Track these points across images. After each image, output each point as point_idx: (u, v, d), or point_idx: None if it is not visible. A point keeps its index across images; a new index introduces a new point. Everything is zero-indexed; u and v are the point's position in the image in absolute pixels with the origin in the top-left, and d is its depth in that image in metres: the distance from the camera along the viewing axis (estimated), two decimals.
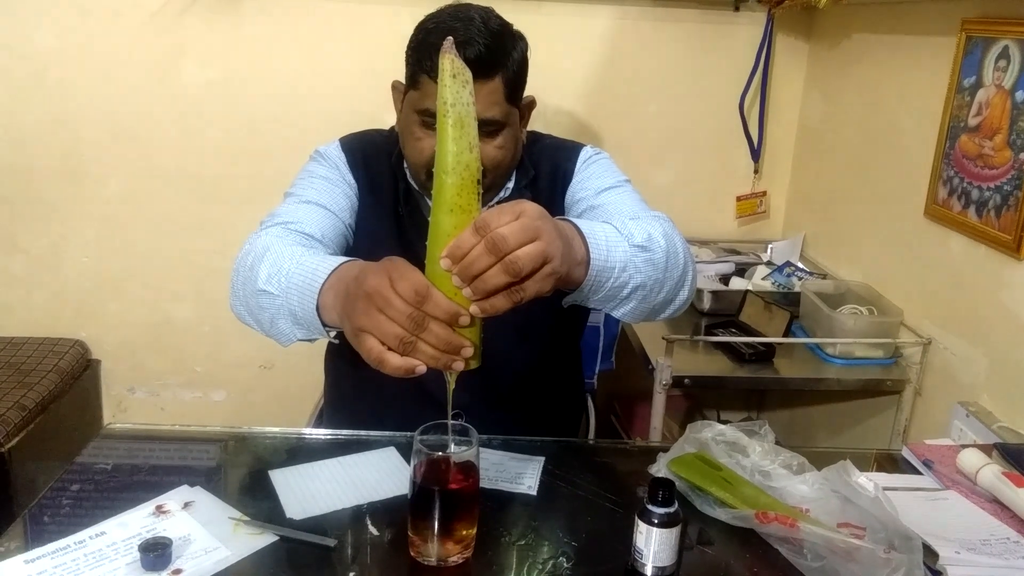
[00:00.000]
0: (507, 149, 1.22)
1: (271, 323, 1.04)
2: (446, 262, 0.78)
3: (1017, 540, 0.98)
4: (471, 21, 1.15)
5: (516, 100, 1.22)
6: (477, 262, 0.77)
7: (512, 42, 1.19)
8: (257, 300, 1.04)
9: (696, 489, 1.03)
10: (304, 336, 1.02)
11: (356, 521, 0.98)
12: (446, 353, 0.80)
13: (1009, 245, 1.36)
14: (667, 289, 1.07)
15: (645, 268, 1.01)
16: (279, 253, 1.04)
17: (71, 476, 1.06)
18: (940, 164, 1.56)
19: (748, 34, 2.13)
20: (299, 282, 0.97)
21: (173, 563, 0.88)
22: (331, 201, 1.24)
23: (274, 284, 1.01)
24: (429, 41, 1.15)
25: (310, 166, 1.31)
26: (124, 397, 2.35)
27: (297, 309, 0.98)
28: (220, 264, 2.19)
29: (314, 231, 1.17)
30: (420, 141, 1.19)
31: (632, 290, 1.00)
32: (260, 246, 1.08)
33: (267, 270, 1.03)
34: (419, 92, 1.18)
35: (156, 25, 2.03)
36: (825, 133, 2.10)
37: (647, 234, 1.02)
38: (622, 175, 1.31)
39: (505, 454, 1.14)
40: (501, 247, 0.77)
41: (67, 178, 2.14)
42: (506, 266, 0.78)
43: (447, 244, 0.78)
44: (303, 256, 1.01)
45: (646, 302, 1.04)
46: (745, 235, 2.31)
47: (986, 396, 1.43)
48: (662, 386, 1.61)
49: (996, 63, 1.41)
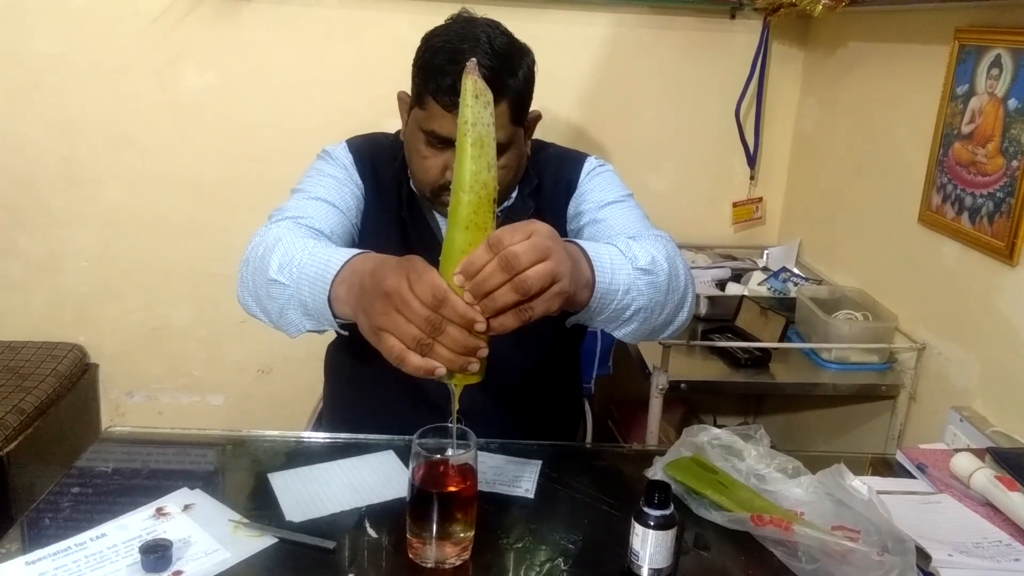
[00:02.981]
0: (510, 168, 1.22)
1: (280, 313, 1.04)
2: (459, 278, 0.79)
3: (1009, 543, 0.99)
4: (477, 42, 1.14)
5: (521, 121, 1.21)
6: (490, 279, 0.79)
7: (518, 61, 1.18)
8: (267, 290, 1.04)
9: (692, 492, 1.03)
10: (313, 327, 1.03)
11: (355, 524, 0.99)
12: (462, 356, 0.81)
13: (1002, 251, 1.37)
14: (668, 311, 1.09)
15: (648, 291, 1.03)
16: (291, 244, 1.04)
17: (71, 479, 1.06)
18: (934, 171, 1.57)
19: (744, 42, 2.15)
20: (311, 273, 0.98)
21: (173, 565, 0.89)
22: (339, 199, 1.24)
23: (285, 274, 1.01)
24: (435, 63, 1.14)
25: (318, 164, 1.32)
26: (122, 401, 2.36)
27: (308, 300, 0.98)
28: (218, 269, 2.21)
29: (323, 227, 1.17)
30: (426, 160, 1.19)
31: (634, 312, 1.02)
32: (272, 237, 1.08)
33: (279, 260, 1.03)
34: (425, 112, 1.17)
35: (155, 31, 2.04)
36: (820, 140, 2.12)
37: (651, 257, 1.04)
38: (625, 189, 1.32)
39: (503, 457, 1.15)
40: (514, 265, 0.78)
41: (66, 183, 2.15)
42: (516, 285, 0.79)
43: (461, 261, 0.79)
44: (315, 247, 1.01)
45: (647, 324, 1.07)
46: (741, 241, 2.32)
47: (979, 401, 1.44)
48: (659, 391, 1.62)
49: (989, 71, 1.42)
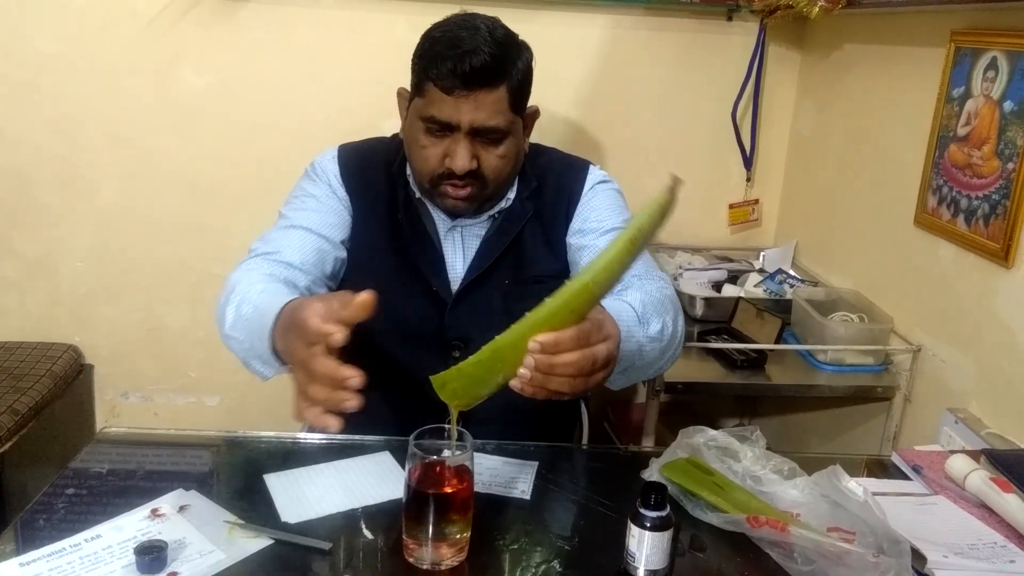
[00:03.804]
0: (509, 159, 1.23)
1: (245, 363, 1.11)
2: (536, 346, 0.80)
3: (1004, 545, 0.99)
4: (477, 31, 1.16)
5: (520, 109, 1.23)
6: (561, 368, 0.81)
7: (517, 52, 1.21)
8: (227, 343, 1.11)
9: (688, 494, 1.03)
10: (275, 374, 1.07)
11: (351, 525, 0.99)
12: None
13: (997, 253, 1.38)
14: (657, 367, 1.15)
15: (650, 356, 1.08)
16: (241, 296, 1.09)
17: (66, 480, 1.06)
18: (930, 173, 1.58)
19: (741, 44, 2.15)
20: (257, 327, 1.02)
21: (168, 566, 0.89)
22: (319, 222, 1.27)
23: (238, 330, 1.07)
24: (435, 50, 1.17)
25: (302, 183, 1.34)
26: (117, 402, 2.35)
27: (261, 352, 1.03)
28: (214, 270, 2.21)
29: (294, 259, 1.21)
30: (425, 149, 1.21)
31: (632, 371, 1.07)
32: (231, 284, 1.14)
33: (232, 315, 1.09)
34: (424, 99, 1.19)
35: (153, 31, 2.04)
36: (817, 142, 2.12)
37: (661, 324, 1.09)
38: (627, 211, 1.35)
39: (499, 459, 1.15)
40: (585, 368, 0.83)
41: (62, 183, 2.14)
42: (572, 383, 0.83)
43: (547, 329, 0.80)
44: (260, 298, 1.06)
45: (636, 379, 1.12)
46: (737, 243, 2.33)
47: (975, 403, 1.45)
48: (654, 392, 1.62)
49: (984, 74, 1.43)
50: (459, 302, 1.28)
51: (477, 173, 1.21)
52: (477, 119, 1.17)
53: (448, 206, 1.26)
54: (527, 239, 1.31)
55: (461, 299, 1.28)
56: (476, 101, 1.16)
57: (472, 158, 1.19)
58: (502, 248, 1.29)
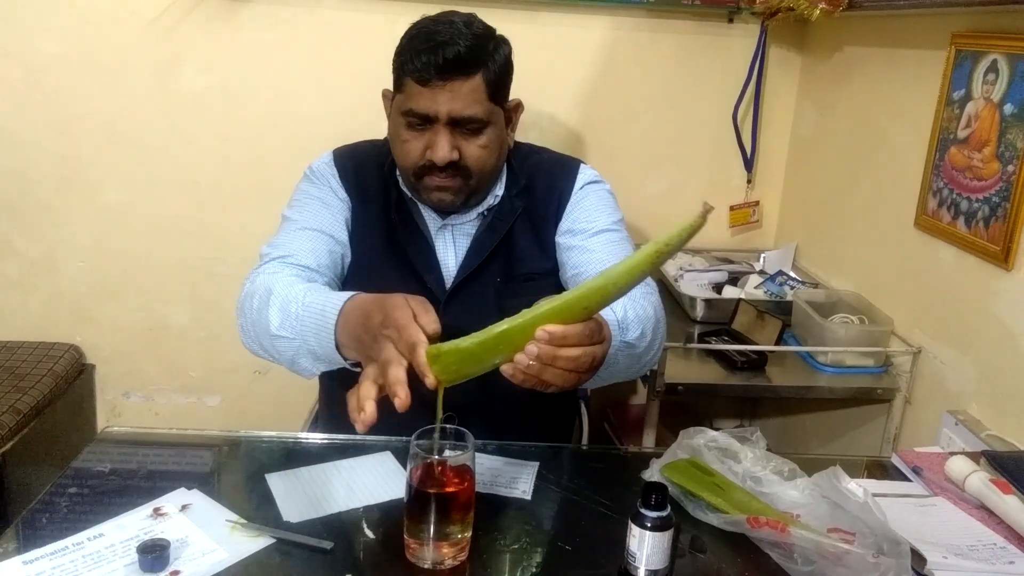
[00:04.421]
0: (491, 149, 1.24)
1: (292, 362, 1.10)
2: (544, 335, 0.81)
3: (1004, 546, 0.99)
4: (452, 24, 1.19)
5: (500, 100, 1.24)
6: (562, 361, 0.83)
7: (494, 44, 1.22)
8: (273, 343, 1.10)
9: (688, 494, 1.04)
10: (326, 369, 1.08)
11: (352, 524, 0.99)
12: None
13: (997, 256, 1.38)
14: (631, 372, 1.16)
15: (624, 361, 1.09)
16: (284, 296, 1.09)
17: (68, 479, 1.07)
18: (930, 175, 1.58)
19: (742, 46, 2.16)
20: (312, 324, 1.03)
21: (171, 565, 0.89)
22: (326, 223, 1.28)
23: (287, 329, 1.07)
24: (412, 46, 1.19)
25: (303, 186, 1.35)
26: (118, 402, 2.35)
27: (316, 349, 1.04)
28: (216, 270, 2.21)
29: (310, 262, 1.22)
30: (407, 143, 1.22)
31: (605, 374, 1.06)
32: (263, 288, 1.13)
33: (278, 316, 1.08)
34: (403, 95, 1.21)
35: (154, 32, 2.04)
36: (817, 144, 2.12)
37: (640, 331, 1.10)
38: (617, 212, 1.34)
39: (500, 459, 1.15)
40: (583, 365, 0.85)
41: (64, 183, 2.14)
42: (566, 376, 0.85)
43: (558, 321, 0.82)
44: (307, 296, 1.06)
45: (608, 381, 1.12)
46: (738, 244, 2.33)
47: (975, 405, 1.45)
48: (655, 393, 1.63)
49: (985, 76, 1.43)
50: (452, 299, 1.29)
51: (459, 164, 1.22)
52: (454, 109, 1.18)
53: (434, 200, 1.26)
54: (518, 237, 1.32)
55: (454, 296, 1.29)
56: (452, 91, 1.17)
57: (452, 149, 1.20)
58: (493, 245, 1.30)
